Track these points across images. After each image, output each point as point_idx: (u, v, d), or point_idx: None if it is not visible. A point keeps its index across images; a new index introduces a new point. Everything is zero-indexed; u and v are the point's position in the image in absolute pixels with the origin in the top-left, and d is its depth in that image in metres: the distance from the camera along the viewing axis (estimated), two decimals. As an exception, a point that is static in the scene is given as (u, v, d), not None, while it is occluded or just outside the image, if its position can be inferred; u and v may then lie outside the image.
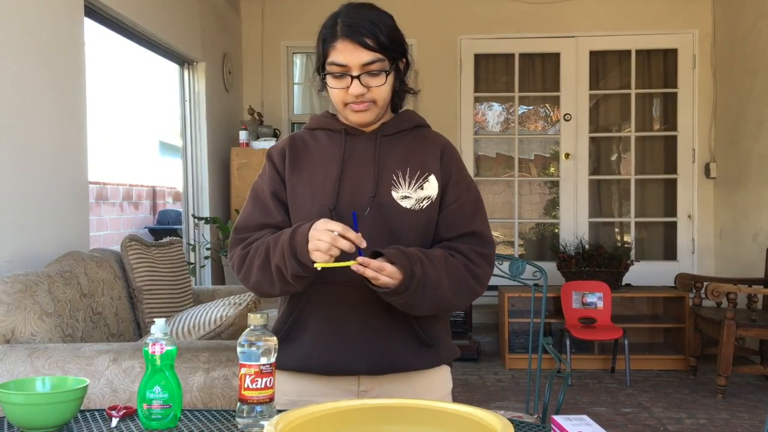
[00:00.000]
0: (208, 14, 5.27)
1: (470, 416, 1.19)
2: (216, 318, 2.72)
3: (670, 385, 4.65)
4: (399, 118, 1.65)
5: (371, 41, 1.50)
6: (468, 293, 1.54)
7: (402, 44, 1.58)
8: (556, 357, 2.33)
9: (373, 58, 1.51)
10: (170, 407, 1.36)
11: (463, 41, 6.17)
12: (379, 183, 1.55)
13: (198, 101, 5.19)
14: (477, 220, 1.60)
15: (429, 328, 1.59)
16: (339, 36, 1.51)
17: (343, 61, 1.51)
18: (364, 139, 1.61)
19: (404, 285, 1.42)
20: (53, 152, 3.12)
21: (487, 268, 1.58)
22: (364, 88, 1.52)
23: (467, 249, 1.56)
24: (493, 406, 4.11)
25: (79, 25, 3.37)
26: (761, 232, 5.08)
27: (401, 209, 1.54)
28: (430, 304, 1.49)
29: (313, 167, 1.60)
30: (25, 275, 2.46)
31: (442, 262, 1.50)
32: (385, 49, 1.52)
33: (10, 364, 2.17)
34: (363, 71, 1.51)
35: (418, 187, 1.57)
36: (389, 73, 1.54)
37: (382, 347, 1.54)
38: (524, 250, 6.35)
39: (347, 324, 1.54)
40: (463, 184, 1.61)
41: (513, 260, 2.68)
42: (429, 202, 1.57)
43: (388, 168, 1.57)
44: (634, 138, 6.15)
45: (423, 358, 1.58)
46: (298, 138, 1.67)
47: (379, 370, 1.55)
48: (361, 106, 1.55)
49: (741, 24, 5.48)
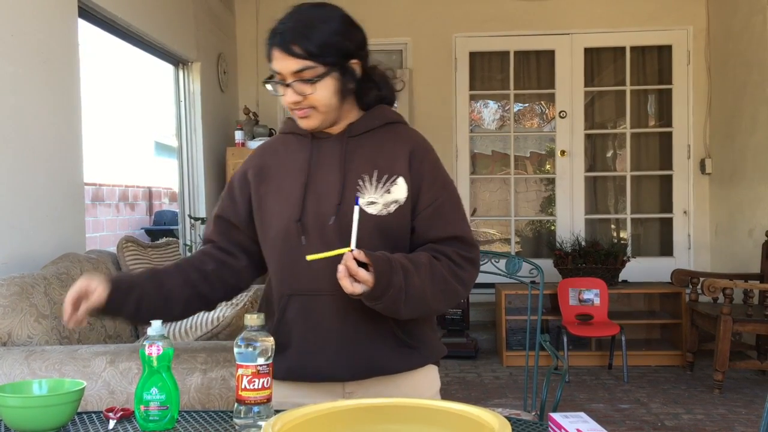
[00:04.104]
0: (203, 14, 5.26)
1: (468, 414, 1.19)
2: (213, 319, 2.72)
3: (667, 381, 4.66)
4: (368, 117, 1.61)
5: (298, 49, 1.48)
6: (452, 297, 1.53)
7: (342, 48, 1.52)
8: (554, 354, 2.34)
9: (301, 66, 1.48)
10: (167, 408, 1.36)
11: (458, 39, 6.17)
12: (345, 189, 1.53)
13: (193, 101, 5.18)
14: (458, 222, 1.58)
15: (411, 330, 1.58)
16: (273, 44, 1.51)
17: (276, 68, 1.52)
18: (331, 142, 1.59)
19: (378, 291, 1.40)
20: (48, 154, 3.11)
21: (472, 271, 1.57)
22: (298, 96, 1.51)
23: (452, 252, 1.54)
24: (490, 403, 4.12)
25: (72, 26, 3.36)
26: (757, 227, 5.09)
27: (367, 216, 1.51)
28: (415, 310, 1.48)
29: (280, 177, 1.60)
30: (21, 277, 2.46)
31: (428, 268, 1.49)
32: (315, 56, 1.48)
33: (6, 367, 2.17)
34: (295, 78, 1.50)
35: (385, 191, 1.54)
36: (319, 81, 1.49)
37: (364, 353, 1.54)
38: (521, 247, 6.35)
39: (328, 332, 1.53)
40: (439, 183, 1.58)
41: (510, 258, 2.69)
42: (397, 206, 1.53)
43: (354, 172, 1.55)
44: (630, 134, 6.16)
45: (406, 360, 1.57)
46: (268, 148, 1.68)
47: (362, 375, 1.55)
48: (301, 112, 1.54)
49: (735, 20, 5.49)
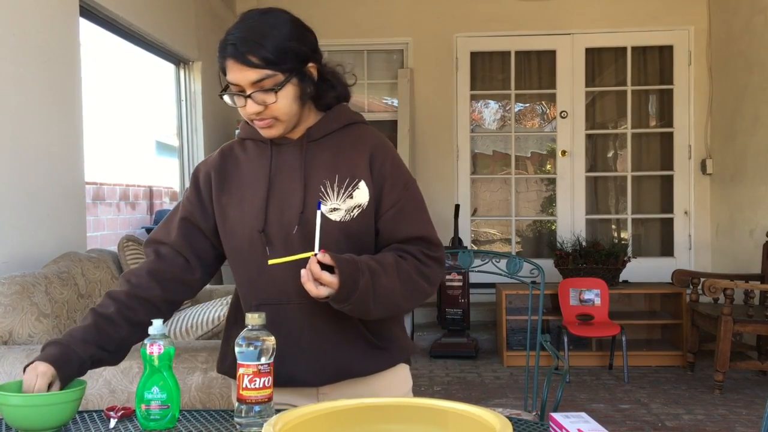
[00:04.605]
0: (204, 13, 5.27)
1: (469, 414, 1.19)
2: (214, 318, 2.72)
3: (667, 381, 4.65)
4: (326, 119, 1.58)
5: (255, 59, 1.44)
6: (420, 295, 1.53)
7: (299, 52, 1.48)
8: (554, 354, 2.34)
9: (260, 76, 1.45)
10: (168, 408, 1.36)
11: (459, 39, 6.17)
12: (307, 197, 1.51)
13: (194, 101, 5.18)
14: (421, 222, 1.57)
15: (380, 332, 1.58)
16: (227, 56, 1.47)
17: (233, 80, 1.47)
18: (291, 147, 1.56)
19: (344, 294, 1.40)
20: (49, 153, 3.11)
21: (437, 269, 1.56)
22: (259, 106, 1.47)
23: (417, 251, 1.54)
24: (491, 403, 4.12)
25: (74, 26, 3.37)
26: (757, 227, 5.08)
27: (330, 223, 1.50)
28: (385, 310, 1.48)
29: (242, 187, 1.57)
30: (22, 276, 2.46)
31: (394, 268, 1.48)
32: (272, 63, 1.45)
33: (7, 366, 2.17)
34: (255, 89, 1.46)
35: (347, 196, 1.52)
36: (280, 89, 1.46)
37: (335, 358, 1.54)
38: (521, 247, 6.35)
39: (298, 341, 1.53)
40: (400, 185, 1.56)
41: (510, 258, 2.69)
42: (360, 210, 1.52)
43: (315, 178, 1.53)
44: (631, 135, 6.16)
45: (376, 361, 1.58)
46: (228, 151, 1.64)
47: (334, 379, 1.55)
48: (263, 123, 1.51)
49: (736, 20, 5.49)
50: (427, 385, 4.57)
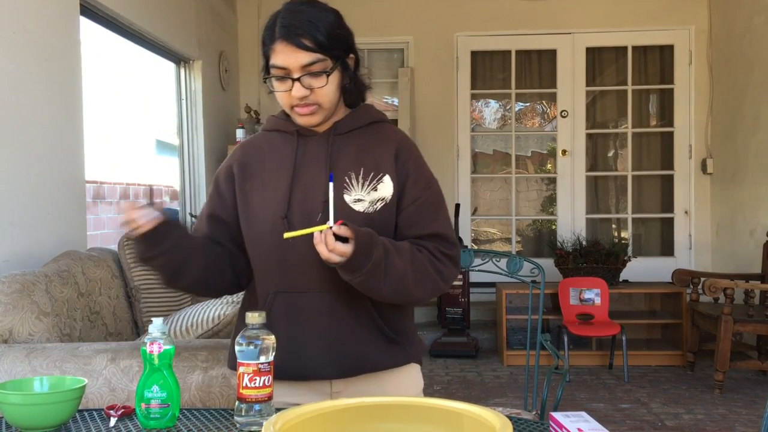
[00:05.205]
0: (204, 12, 5.27)
1: (468, 413, 1.19)
2: (214, 316, 2.72)
3: (667, 381, 4.65)
4: (354, 115, 1.61)
5: (309, 42, 1.47)
6: (431, 288, 1.53)
7: (345, 41, 1.54)
8: (554, 353, 2.34)
9: (312, 59, 1.48)
10: (168, 406, 1.36)
11: (459, 38, 6.17)
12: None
13: (195, 99, 5.18)
14: (439, 220, 1.58)
15: (395, 324, 1.59)
16: (277, 38, 1.49)
17: (282, 63, 1.49)
18: (317, 139, 1.58)
19: (356, 262, 1.39)
20: (50, 151, 3.11)
21: (451, 267, 1.57)
22: (306, 90, 1.49)
23: (432, 247, 1.55)
24: (491, 403, 4.12)
25: (74, 24, 3.36)
26: (758, 227, 5.08)
27: (353, 213, 1.51)
28: (393, 292, 1.48)
29: (265, 174, 1.59)
30: (22, 275, 2.46)
31: (409, 253, 1.49)
32: (325, 48, 1.48)
33: (7, 364, 2.17)
34: (303, 73, 1.48)
35: (371, 188, 1.54)
36: (331, 73, 1.50)
37: (352, 350, 1.54)
38: (522, 246, 6.35)
39: (314, 331, 1.53)
40: (423, 182, 1.58)
41: (510, 257, 2.69)
42: (383, 203, 1.54)
43: (340, 170, 1.54)
44: (631, 134, 6.16)
45: (391, 356, 1.58)
46: (250, 144, 1.66)
47: (350, 372, 1.55)
48: (306, 109, 1.52)
49: (737, 20, 5.48)
50: (427, 384, 4.56)
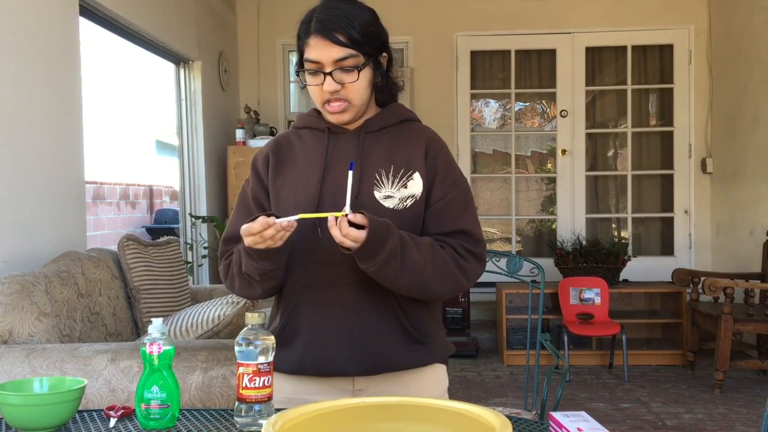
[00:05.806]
0: (204, 13, 5.26)
1: (468, 413, 1.19)
2: (214, 317, 2.72)
3: (667, 381, 4.65)
4: (384, 113, 1.63)
5: (342, 36, 1.49)
6: (453, 284, 1.53)
7: (379, 39, 1.56)
8: (554, 353, 2.34)
9: (344, 54, 1.50)
10: (168, 407, 1.36)
11: (459, 38, 6.17)
12: (362, 183, 1.54)
13: (194, 100, 5.18)
14: (466, 217, 1.58)
15: (420, 325, 1.57)
16: (312, 32, 1.51)
17: (315, 57, 1.51)
18: (348, 137, 1.60)
19: (370, 248, 1.40)
20: (49, 152, 3.11)
21: (476, 265, 1.57)
22: (337, 85, 1.51)
23: (457, 244, 1.55)
24: (491, 402, 4.12)
25: (74, 25, 3.36)
26: (758, 226, 5.08)
27: (383, 209, 1.52)
28: (411, 284, 1.48)
29: (296, 169, 1.60)
30: (22, 275, 2.46)
31: (429, 248, 1.49)
32: (358, 44, 1.50)
33: (7, 365, 2.17)
34: (336, 67, 1.50)
35: (401, 185, 1.55)
36: (363, 69, 1.52)
37: (374, 347, 1.53)
38: (521, 246, 6.35)
39: (338, 325, 1.53)
40: (451, 180, 1.59)
41: (510, 257, 2.69)
42: (413, 200, 1.55)
43: (371, 167, 1.56)
44: (631, 134, 6.16)
45: (415, 356, 1.57)
46: (282, 139, 1.67)
47: (372, 370, 1.54)
48: (337, 107, 1.53)
49: (736, 19, 5.48)
50: (427, 384, 4.57)
